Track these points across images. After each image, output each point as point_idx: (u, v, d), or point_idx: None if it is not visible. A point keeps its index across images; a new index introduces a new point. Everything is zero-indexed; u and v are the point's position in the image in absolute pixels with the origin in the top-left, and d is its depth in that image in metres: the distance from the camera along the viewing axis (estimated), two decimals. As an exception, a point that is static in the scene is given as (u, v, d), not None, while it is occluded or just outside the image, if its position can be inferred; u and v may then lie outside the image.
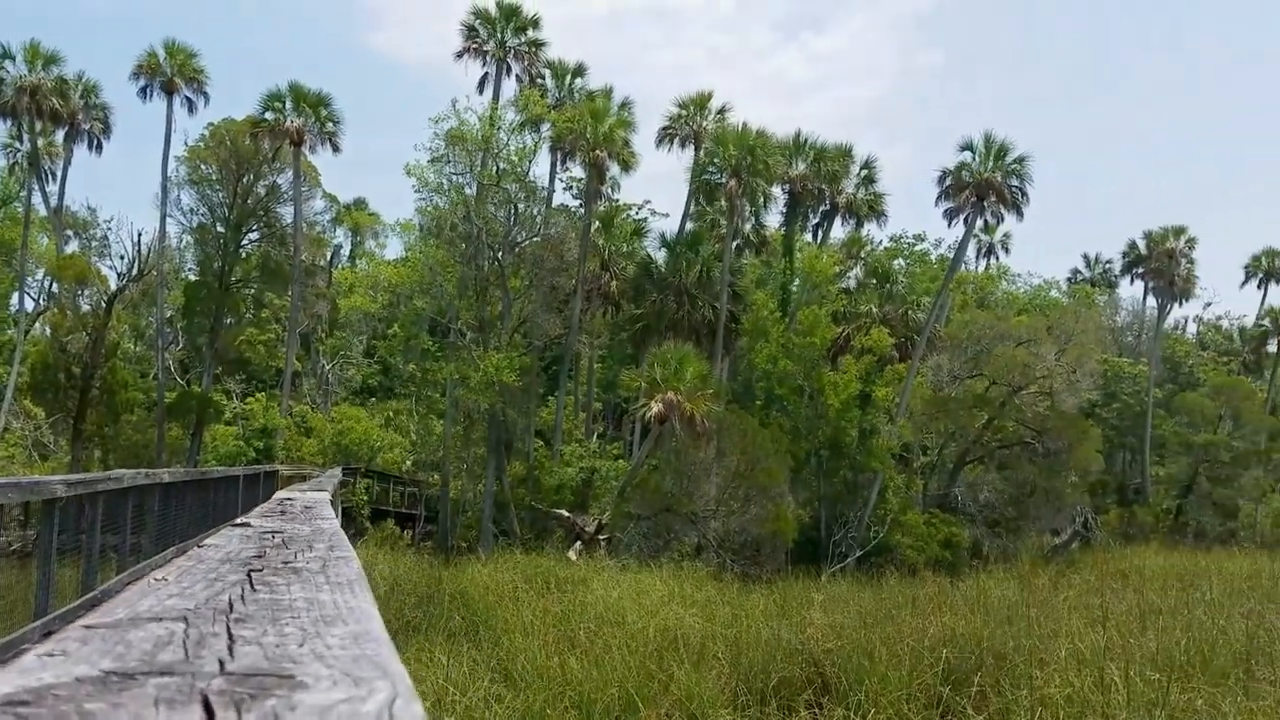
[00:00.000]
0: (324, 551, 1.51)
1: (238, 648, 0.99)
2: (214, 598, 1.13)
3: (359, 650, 1.02)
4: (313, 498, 3.87)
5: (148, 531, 10.04)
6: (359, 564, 1.41)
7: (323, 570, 1.33)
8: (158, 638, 1.00)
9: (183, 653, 0.96)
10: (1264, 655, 15.09)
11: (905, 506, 41.22)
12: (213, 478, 16.19)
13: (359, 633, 1.04)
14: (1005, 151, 40.03)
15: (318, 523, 2.40)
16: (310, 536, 1.82)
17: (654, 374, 35.02)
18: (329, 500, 4.24)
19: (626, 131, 40.61)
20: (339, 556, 1.48)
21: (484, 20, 41.70)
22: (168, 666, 0.92)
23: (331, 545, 1.63)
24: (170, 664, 0.93)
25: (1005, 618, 19.59)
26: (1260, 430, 52.95)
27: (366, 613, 1.13)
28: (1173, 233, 54.89)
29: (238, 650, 0.98)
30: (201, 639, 1.01)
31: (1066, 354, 43.53)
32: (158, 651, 0.95)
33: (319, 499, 3.84)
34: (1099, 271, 66.88)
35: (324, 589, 1.21)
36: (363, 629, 1.05)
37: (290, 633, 1.07)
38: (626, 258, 45.57)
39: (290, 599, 1.15)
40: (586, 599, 21.03)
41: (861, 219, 46.91)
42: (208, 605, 1.09)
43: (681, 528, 35.13)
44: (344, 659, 0.98)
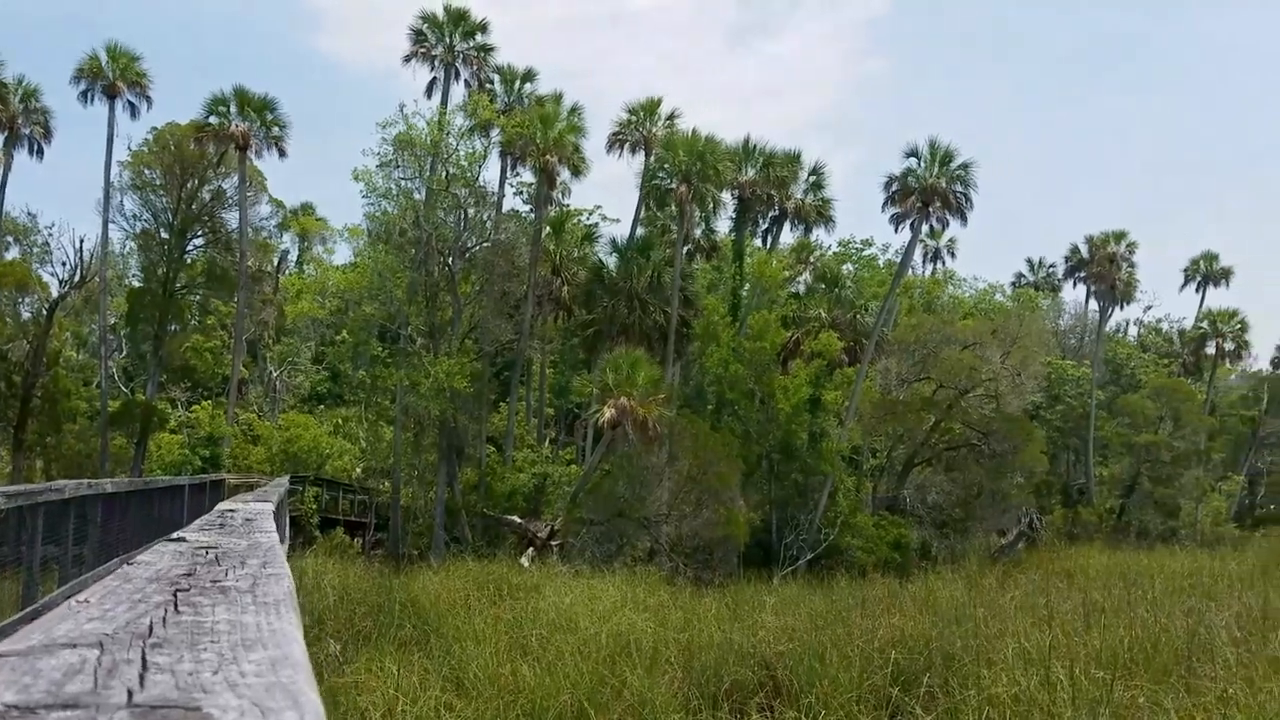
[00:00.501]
0: (256, 568, 1.48)
1: (150, 676, 0.96)
2: (135, 621, 1.11)
3: (274, 677, 1.00)
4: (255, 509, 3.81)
5: (90, 543, 9.86)
6: (290, 581, 1.39)
7: (251, 589, 1.31)
8: (69, 666, 0.98)
9: (92, 682, 0.93)
10: (1204, 652, 15.38)
11: (855, 509, 41.57)
12: (157, 488, 15.93)
13: (277, 658, 1.01)
14: (950, 158, 40.58)
15: (256, 536, 2.37)
16: (245, 552, 1.78)
17: (606, 379, 35.05)
18: (272, 512, 4.18)
19: (577, 137, 40.60)
20: (270, 574, 1.46)
21: (432, 25, 41.46)
22: (73, 699, 0.90)
23: (265, 562, 1.60)
24: (77, 695, 0.91)
25: (953, 618, 19.83)
26: (1199, 431, 54.09)
27: (288, 636, 1.10)
28: (1113, 237, 55.97)
29: (149, 679, 0.95)
30: (114, 667, 0.99)
31: (1011, 357, 44.19)
32: (66, 681, 0.93)
33: (261, 510, 3.79)
34: (1042, 275, 67.99)
35: (249, 610, 1.19)
36: (282, 654, 1.02)
37: (207, 659, 1.06)
38: (578, 263, 45.54)
39: (213, 621, 1.13)
40: (539, 605, 20.96)
41: (810, 224, 47.27)
42: (127, 629, 1.06)
43: (634, 532, 35.14)
44: (257, 687, 0.96)
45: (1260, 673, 13.75)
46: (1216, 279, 62.15)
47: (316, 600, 21.18)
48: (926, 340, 44.68)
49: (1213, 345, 63.39)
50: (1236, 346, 63.59)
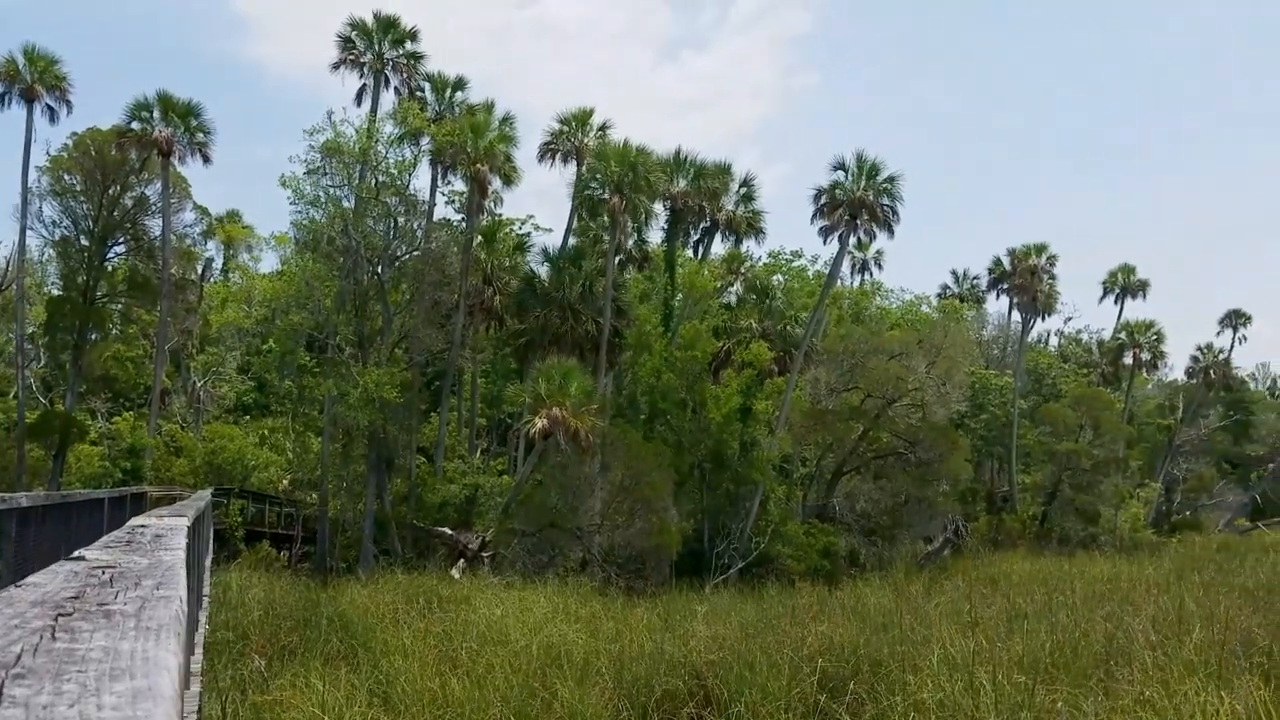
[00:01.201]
0: (149, 590, 1.45)
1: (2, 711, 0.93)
2: (4, 649, 1.07)
3: (132, 712, 0.97)
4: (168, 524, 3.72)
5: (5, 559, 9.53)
6: (180, 604, 1.36)
7: (138, 613, 1.28)
8: (-76, 700, 0.94)
9: None
10: (1122, 656, 15.76)
11: (785, 517, 41.92)
12: (76, 501, 15.48)
13: (141, 690, 0.97)
14: (877, 171, 41.18)
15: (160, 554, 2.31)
16: (144, 571, 1.74)
17: (538, 389, 34.90)
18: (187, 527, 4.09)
19: (509, 146, 40.47)
20: (162, 596, 1.42)
21: (361, 32, 41.05)
22: None
23: (160, 582, 1.56)
24: None
25: (881, 625, 20.10)
26: (1118, 439, 55.47)
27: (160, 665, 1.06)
28: (1035, 250, 57.23)
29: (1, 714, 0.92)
30: (-35, 700, 0.95)
31: (937, 367, 44.96)
32: (-82, 718, 0.89)
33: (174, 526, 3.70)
34: (967, 287, 69.26)
35: (129, 636, 1.16)
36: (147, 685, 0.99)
37: (68, 690, 1.02)
38: (510, 272, 45.34)
39: (88, 649, 1.10)
40: (469, 618, 20.78)
41: (741, 235, 47.66)
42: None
43: (566, 543, 35.04)
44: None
45: (1175, 675, 14.11)
46: (1134, 291, 63.83)
47: (241, 615, 20.77)
48: (855, 350, 45.29)
49: (1130, 355, 65.04)
50: (1153, 357, 65.39)
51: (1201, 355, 71.22)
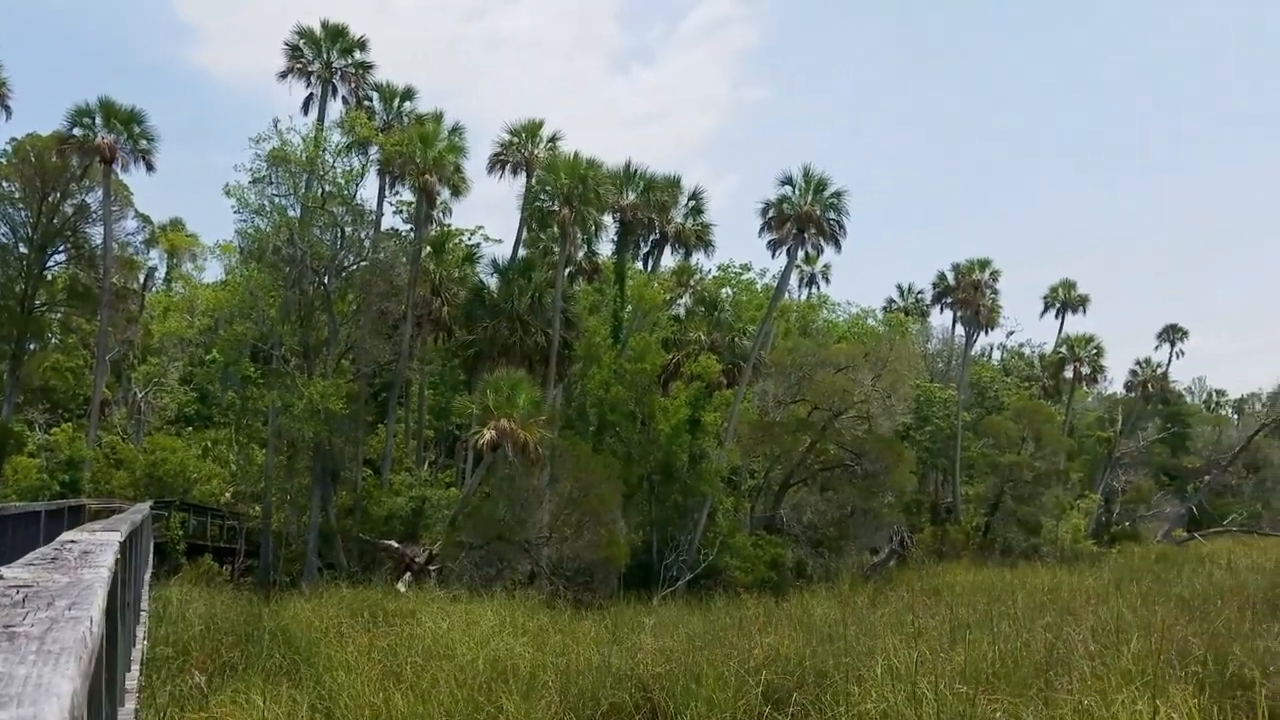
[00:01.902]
0: (61, 610, 1.42)
1: None
2: (-100, 675, 1.05)
3: None
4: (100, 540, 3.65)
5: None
6: (90, 626, 1.34)
7: (43, 635, 1.26)
8: None
9: None
10: (1062, 665, 16.01)
11: (734, 529, 42.07)
12: (10, 514, 15.15)
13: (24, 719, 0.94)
14: (823, 185, 41.61)
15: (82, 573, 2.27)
16: (60, 591, 1.71)
17: (487, 401, 34.72)
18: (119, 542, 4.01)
19: (457, 156, 40.32)
20: (72, 617, 1.39)
21: (309, 40, 40.71)
22: None
23: (74, 602, 1.53)
24: None
25: (826, 636, 20.24)
26: (1059, 451, 56.37)
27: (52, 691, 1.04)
28: (978, 265, 58.10)
29: None
30: None
31: (882, 379, 45.43)
32: None
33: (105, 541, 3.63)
34: (912, 301, 70.08)
35: (28, 660, 1.14)
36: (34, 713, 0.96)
37: None
38: (459, 283, 45.12)
39: (-20, 674, 1.08)
40: (415, 632, 20.61)
41: (690, 248, 47.86)
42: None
43: (514, 556, 34.86)
44: None
45: (1113, 684, 14.37)
46: (1074, 306, 65.02)
47: (181, 630, 20.42)
48: (802, 363, 45.63)
49: (1071, 369, 66.19)
50: (1093, 370, 66.63)
51: (1140, 369, 72.70)
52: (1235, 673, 15.66)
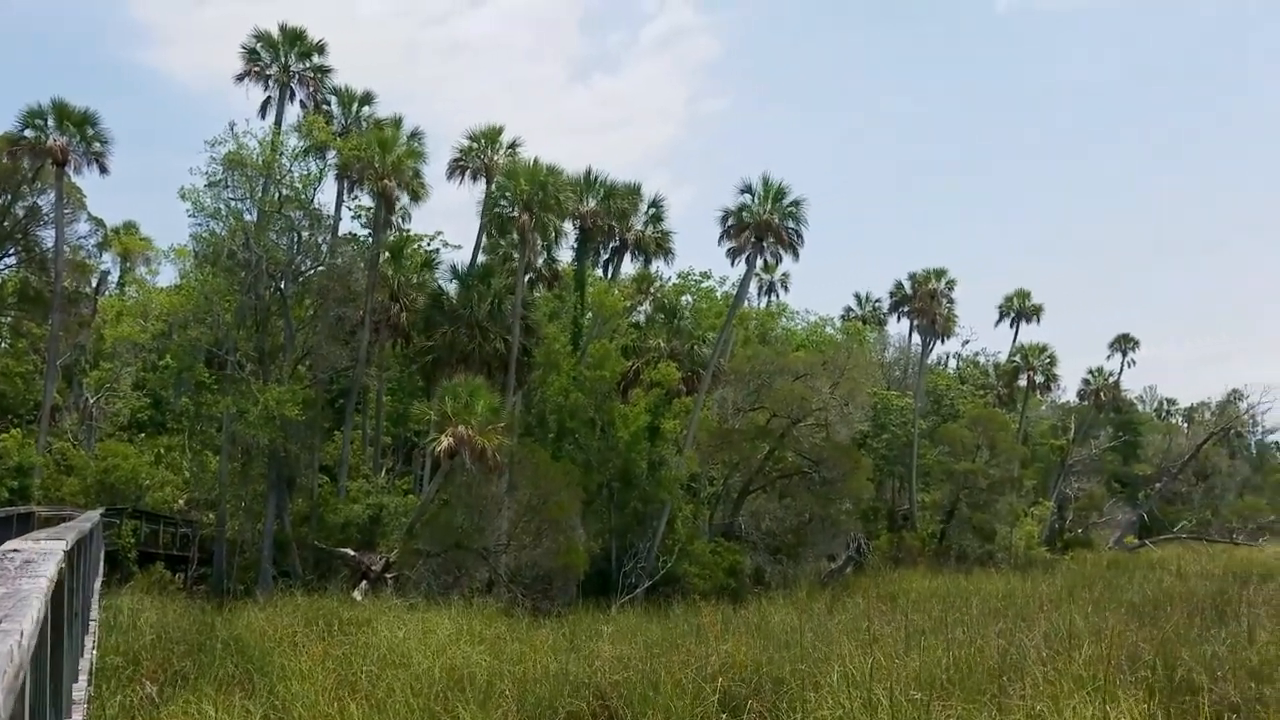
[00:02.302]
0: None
1: None
2: None
3: None
4: (43, 549, 3.59)
5: None
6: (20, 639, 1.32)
7: None
8: None
9: None
10: (1015, 671, 16.20)
11: (693, 536, 42.13)
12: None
13: None
14: (782, 194, 41.86)
15: (21, 583, 2.23)
16: (-9, 601, 1.69)
17: (445, 407, 34.49)
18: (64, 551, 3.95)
19: (417, 162, 40.08)
20: (2, 631, 1.37)
21: (266, 43, 40.33)
22: None
23: (6, 615, 1.51)
24: None
25: (784, 643, 20.34)
26: (1013, 458, 57.04)
27: None
28: (934, 274, 58.68)
29: None
30: None
31: (840, 387, 45.77)
32: None
33: (48, 551, 3.56)
34: (870, 309, 70.64)
35: None
36: None
37: None
38: (417, 289, 44.80)
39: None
40: (370, 640, 20.44)
41: (650, 255, 47.92)
42: None
43: (472, 563, 34.68)
44: None
45: (1065, 690, 14.56)
46: (1028, 315, 65.82)
47: (132, 639, 20.15)
48: (761, 371, 45.84)
49: (1025, 378, 67.03)
50: (1046, 379, 67.55)
51: (1092, 378, 73.76)
52: (1184, 677, 15.93)
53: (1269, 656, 16.68)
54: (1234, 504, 78.32)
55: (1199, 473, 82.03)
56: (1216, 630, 19.93)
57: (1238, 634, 19.01)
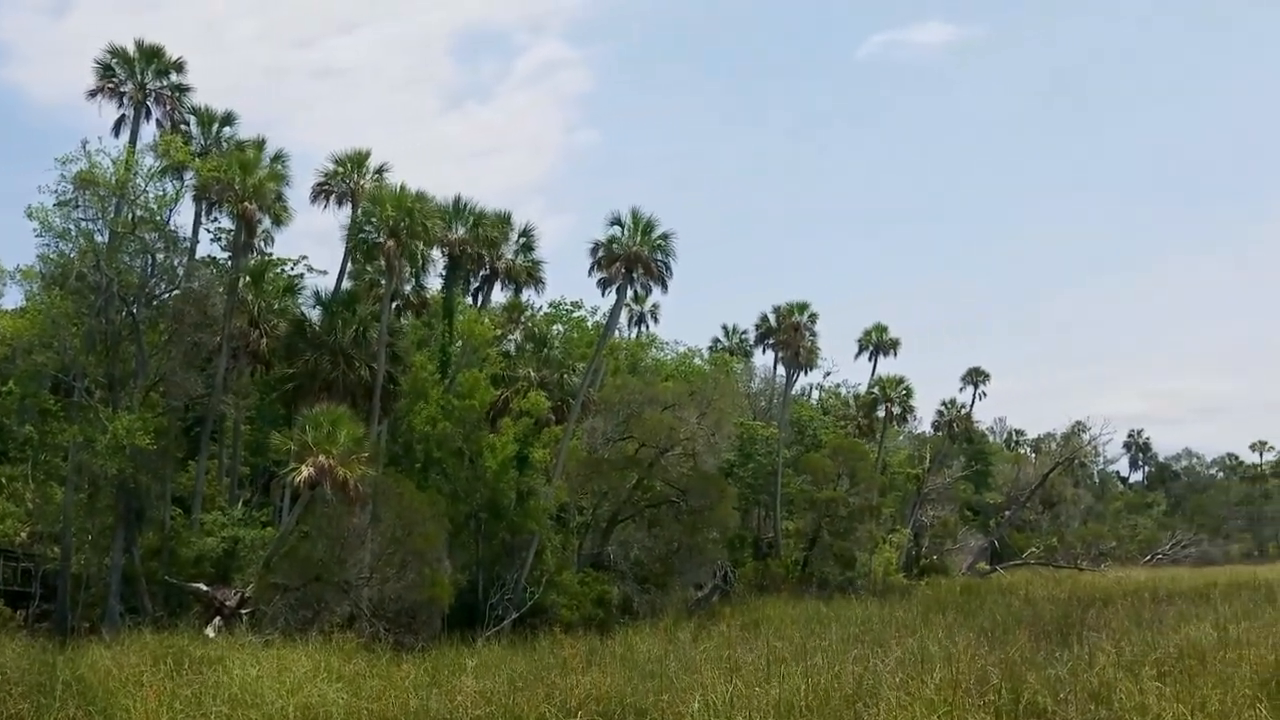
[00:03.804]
0: None
1: None
2: None
3: None
4: None
5: None
6: None
7: None
8: None
9: None
10: (870, 696, 16.61)
11: (561, 566, 41.99)
12: None
13: None
14: (651, 227, 42.44)
15: None
16: None
17: (306, 437, 33.60)
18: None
19: (280, 184, 39.18)
20: None
21: (121, 60, 38.96)
22: None
23: None
24: None
25: (648, 673, 20.44)
26: (872, 487, 58.71)
27: None
28: (797, 308, 60.18)
29: None
30: None
31: (707, 417, 46.46)
32: None
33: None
34: (737, 341, 71.96)
35: None
36: None
37: None
38: (279, 315, 43.68)
39: None
40: (221, 679, 19.71)
41: (521, 285, 47.87)
42: None
43: (333, 597, 33.77)
44: None
45: (918, 713, 15.02)
46: (886, 349, 67.96)
47: (-38, 683, 18.98)
48: (630, 401, 46.19)
49: (883, 409, 69.17)
50: (903, 410, 69.86)
51: (946, 409, 76.65)
52: (1029, 700, 16.52)
53: (1107, 679, 17.49)
54: (1078, 531, 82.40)
55: (1046, 501, 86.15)
56: (1061, 653, 20.73)
57: (1080, 657, 19.87)
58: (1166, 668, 17.94)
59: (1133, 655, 19.58)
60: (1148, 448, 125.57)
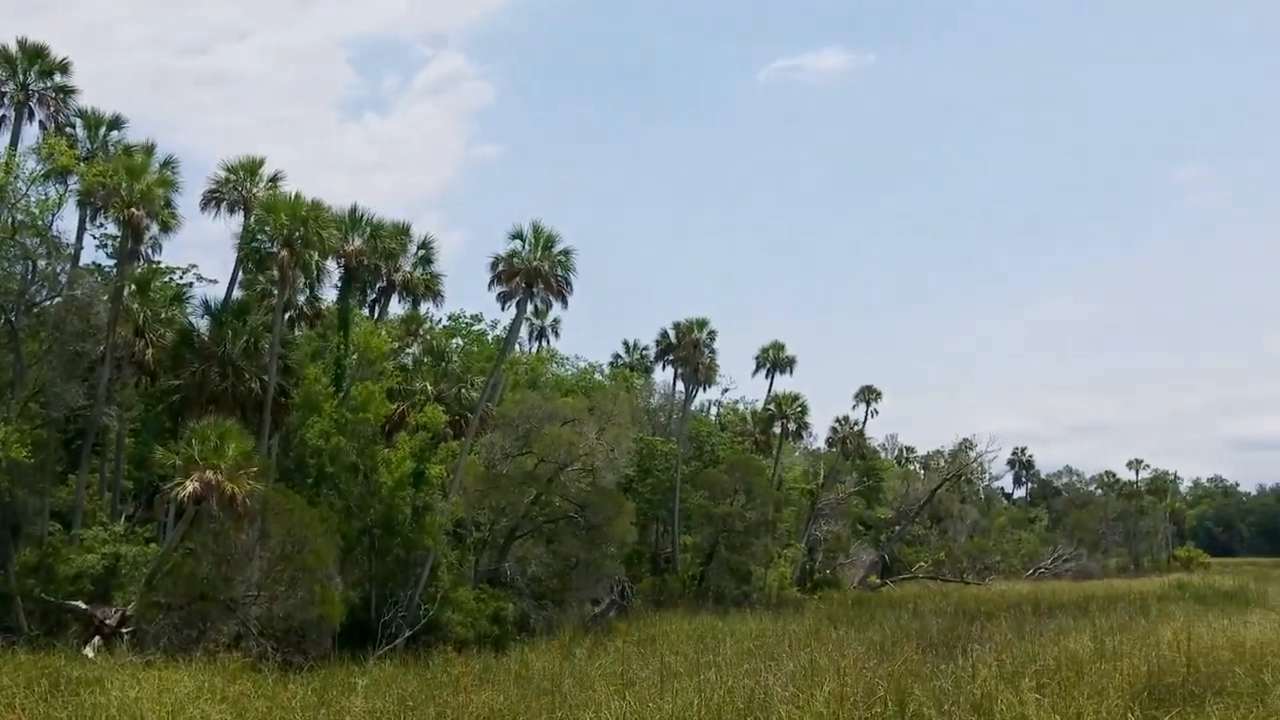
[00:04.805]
0: None
1: None
2: None
3: None
4: None
5: None
6: None
7: None
8: None
9: None
10: (762, 710, 16.86)
11: (457, 583, 41.56)
12: None
13: None
14: (552, 242, 42.38)
15: None
16: None
17: (192, 450, 32.66)
18: None
19: (169, 191, 38.04)
20: None
21: (3, 59, 37.55)
22: None
23: None
24: None
25: (543, 690, 20.38)
26: (768, 502, 59.53)
27: None
28: (696, 325, 60.87)
29: None
30: None
31: (607, 433, 46.56)
32: None
33: None
34: (637, 357, 72.34)
35: None
36: None
37: None
38: (166, 325, 42.37)
39: None
40: (99, 701, 19.02)
41: (419, 297, 47.32)
42: None
43: (219, 616, 32.85)
44: None
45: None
46: (783, 366, 69.06)
47: None
48: (530, 416, 46.04)
49: (779, 425, 70.26)
50: (798, 427, 71.08)
51: (839, 426, 78.23)
52: (915, 711, 16.96)
53: (989, 690, 18.03)
54: (965, 545, 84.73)
55: (934, 516, 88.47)
56: (946, 665, 21.29)
57: (963, 669, 20.42)
58: (1045, 679, 18.57)
59: (1014, 667, 20.20)
60: (1031, 465, 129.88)
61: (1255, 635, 24.23)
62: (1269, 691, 17.03)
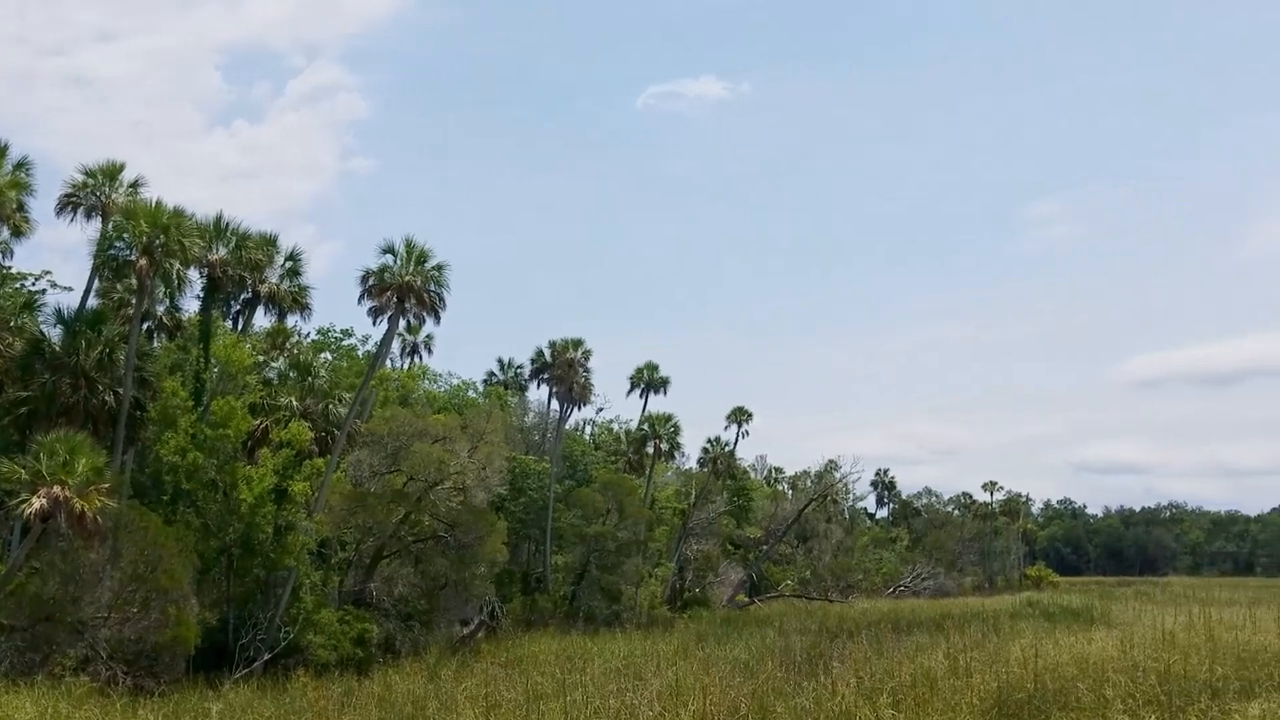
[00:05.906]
0: None
1: None
2: None
3: None
4: None
5: None
6: None
7: None
8: None
9: None
10: (626, 728, 16.99)
11: (320, 604, 40.49)
12: None
13: None
14: (425, 257, 41.82)
15: None
16: None
17: (39, 465, 31.09)
18: None
19: (21, 193, 36.31)
20: None
21: None
22: None
23: None
24: None
25: (406, 714, 20.06)
26: (640, 521, 59.88)
27: None
28: (571, 344, 60.99)
29: None
30: None
31: (479, 451, 46.12)
32: None
33: None
34: (512, 375, 71.97)
35: None
36: None
37: None
38: (15, 333, 40.27)
39: None
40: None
41: (286, 310, 46.00)
42: None
43: (65, 639, 31.31)
44: None
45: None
46: (657, 387, 69.67)
47: None
48: (400, 433, 45.25)
49: (652, 445, 70.83)
50: (671, 447, 71.77)
51: (711, 447, 79.20)
52: (777, 727, 17.31)
53: (848, 707, 18.51)
54: (829, 564, 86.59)
55: (800, 535, 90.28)
56: (807, 683, 21.77)
57: (824, 686, 20.91)
58: (901, 695, 19.16)
59: (872, 684, 20.78)
60: (893, 485, 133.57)
61: (1098, 651, 25.45)
62: (1110, 705, 17.91)
